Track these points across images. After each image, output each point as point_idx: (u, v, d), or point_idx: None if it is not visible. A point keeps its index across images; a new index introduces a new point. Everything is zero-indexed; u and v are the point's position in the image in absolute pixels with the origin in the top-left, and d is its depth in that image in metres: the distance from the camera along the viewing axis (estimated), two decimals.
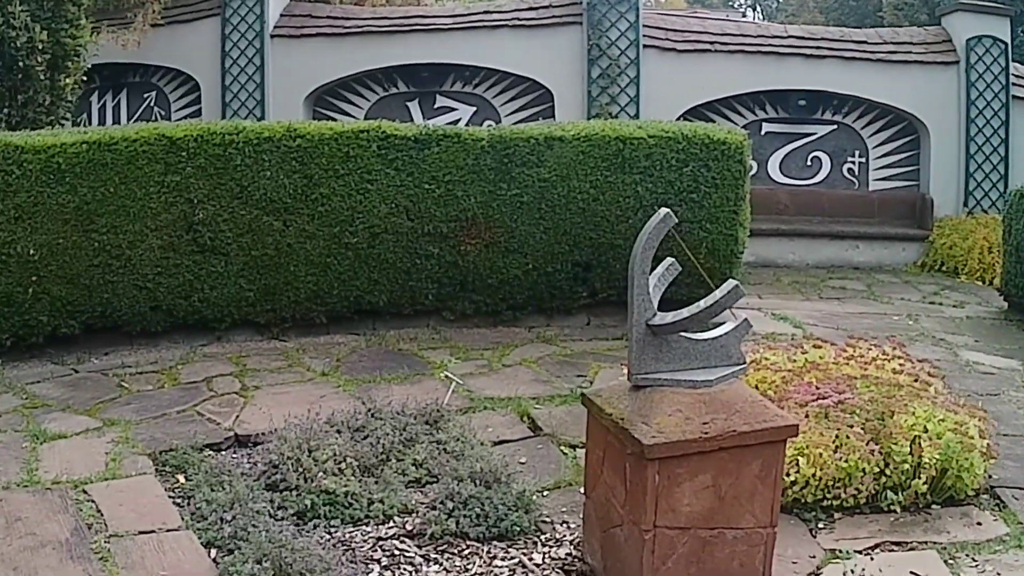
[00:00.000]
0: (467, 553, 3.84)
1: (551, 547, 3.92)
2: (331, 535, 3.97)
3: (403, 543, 3.91)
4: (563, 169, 6.87)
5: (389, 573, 3.71)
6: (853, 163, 11.29)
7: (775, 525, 3.45)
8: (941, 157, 10.96)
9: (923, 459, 4.19)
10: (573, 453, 4.81)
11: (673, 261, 3.74)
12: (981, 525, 4.12)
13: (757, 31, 11.75)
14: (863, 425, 4.29)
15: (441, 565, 3.75)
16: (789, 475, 4.09)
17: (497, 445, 4.92)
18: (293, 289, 6.70)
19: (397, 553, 3.84)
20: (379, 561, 3.78)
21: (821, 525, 4.10)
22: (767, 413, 3.43)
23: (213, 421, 5.20)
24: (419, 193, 6.75)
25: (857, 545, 3.93)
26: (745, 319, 3.65)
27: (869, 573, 3.73)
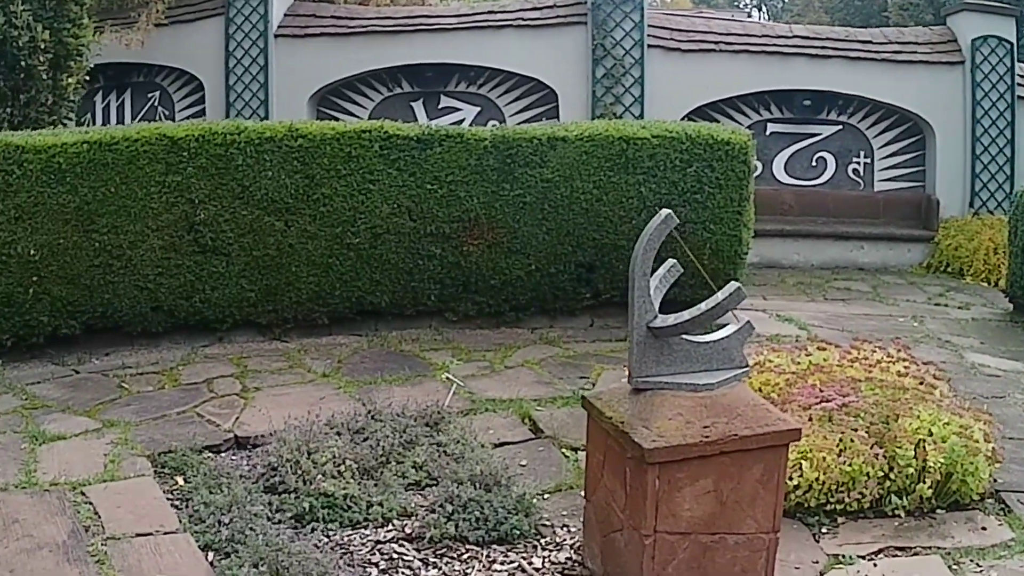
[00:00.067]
0: (466, 557, 3.81)
1: (551, 551, 3.89)
2: (329, 538, 3.94)
3: (402, 547, 3.88)
4: (566, 169, 6.83)
5: None
6: (858, 164, 11.24)
7: (777, 530, 3.42)
8: (947, 158, 10.89)
9: (928, 463, 4.15)
10: (575, 456, 4.77)
11: (675, 263, 3.71)
12: (986, 530, 4.08)
13: (762, 31, 11.70)
14: (867, 428, 4.25)
15: (440, 569, 3.72)
16: (792, 479, 4.05)
17: (498, 447, 4.89)
18: (295, 290, 6.68)
19: (395, 557, 3.81)
20: (377, 565, 3.76)
21: (824, 530, 4.06)
22: (769, 417, 3.39)
23: (213, 423, 5.18)
24: (421, 193, 6.72)
25: (861, 550, 3.89)
26: (747, 321, 3.62)
27: None
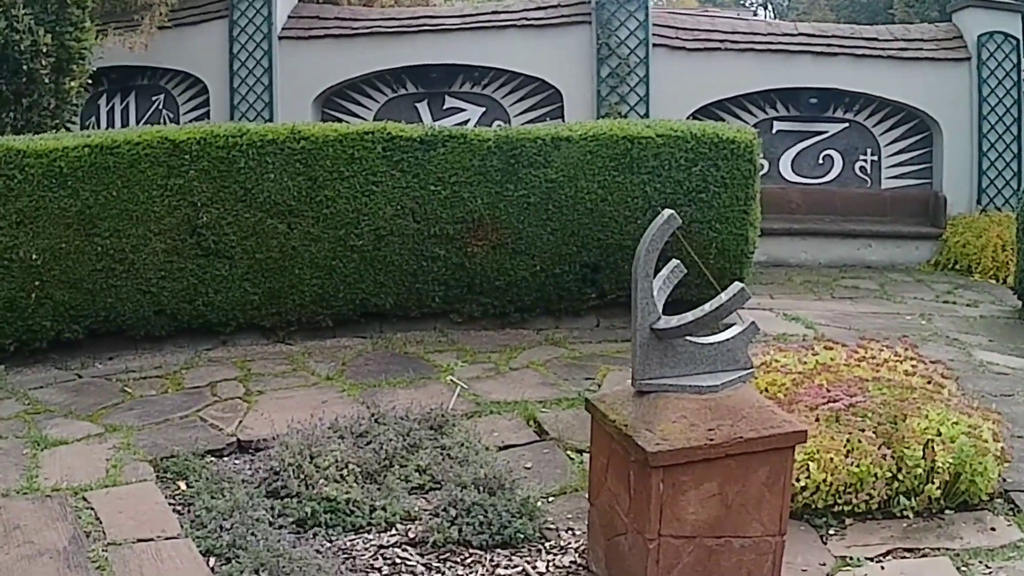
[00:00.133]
0: (470, 561, 3.78)
1: (555, 555, 3.85)
2: (331, 543, 3.91)
3: (405, 551, 3.85)
4: (570, 169, 6.79)
5: None
6: (865, 161, 11.18)
7: (784, 533, 3.38)
8: (954, 154, 10.83)
9: (936, 463, 4.10)
10: (580, 458, 4.73)
11: (679, 263, 3.67)
12: (995, 531, 4.03)
13: (767, 29, 11.66)
14: (875, 429, 4.21)
15: (443, 574, 3.69)
16: (799, 480, 4.01)
17: (502, 450, 4.85)
18: (298, 292, 6.65)
19: (399, 561, 3.78)
20: (380, 570, 3.72)
21: (832, 532, 4.02)
22: (775, 419, 3.35)
23: (216, 427, 5.16)
24: (425, 195, 6.69)
25: (868, 552, 3.85)
26: (752, 322, 3.58)
27: None
